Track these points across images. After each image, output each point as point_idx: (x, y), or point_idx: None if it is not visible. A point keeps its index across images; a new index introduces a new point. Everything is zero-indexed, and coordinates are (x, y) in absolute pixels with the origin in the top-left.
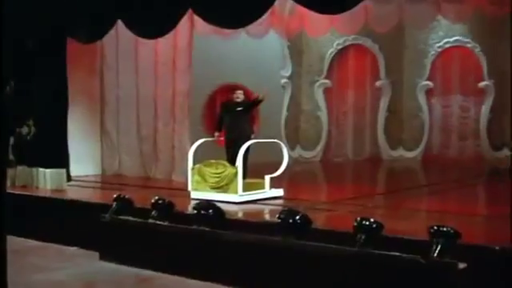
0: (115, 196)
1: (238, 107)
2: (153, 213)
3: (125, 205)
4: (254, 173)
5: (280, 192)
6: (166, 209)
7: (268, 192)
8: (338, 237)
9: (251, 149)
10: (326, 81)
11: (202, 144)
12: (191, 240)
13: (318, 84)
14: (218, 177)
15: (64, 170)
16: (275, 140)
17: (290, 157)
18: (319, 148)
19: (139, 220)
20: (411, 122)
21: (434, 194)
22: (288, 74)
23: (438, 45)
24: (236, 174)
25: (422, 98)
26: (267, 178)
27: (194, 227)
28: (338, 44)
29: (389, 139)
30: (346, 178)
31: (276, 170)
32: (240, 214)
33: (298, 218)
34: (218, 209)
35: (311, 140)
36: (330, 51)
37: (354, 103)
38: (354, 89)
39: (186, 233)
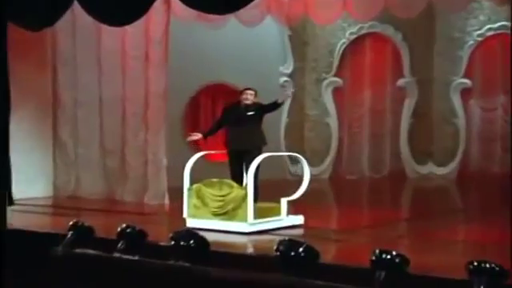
0: (71, 223)
1: (249, 111)
2: (119, 244)
3: (83, 234)
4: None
5: (299, 219)
6: (136, 239)
7: (285, 219)
8: (352, 274)
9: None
10: (337, 79)
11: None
12: (167, 278)
13: (326, 83)
14: (222, 200)
15: (4, 193)
16: (295, 154)
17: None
18: (328, 162)
19: (102, 254)
20: (443, 129)
21: (472, 220)
22: (289, 70)
23: (477, 33)
24: (245, 196)
25: (456, 100)
26: (284, 201)
27: (172, 262)
28: (351, 33)
29: (415, 152)
30: (362, 199)
31: (281, 191)
32: (250, 248)
33: (301, 250)
34: (202, 239)
35: (318, 152)
36: (342, 42)
37: (371, 107)
38: (371, 89)
39: (161, 269)
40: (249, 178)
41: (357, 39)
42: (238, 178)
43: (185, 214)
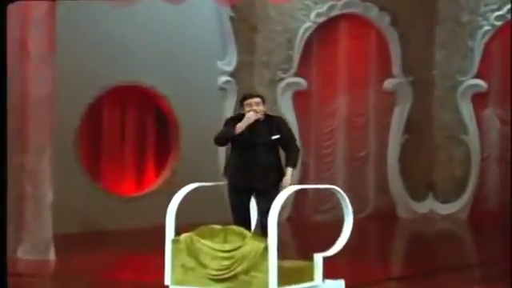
0: None
1: (261, 133)
2: None
3: None
4: None
5: (340, 285)
6: None
7: (321, 286)
8: None
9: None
10: (298, 79)
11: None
12: None
13: (283, 85)
14: (228, 257)
15: None
16: (334, 187)
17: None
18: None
19: None
20: (448, 150)
21: (492, 280)
22: (231, 67)
23: (495, 14)
24: (265, 251)
25: (466, 109)
26: (318, 258)
27: None
28: (318, 15)
29: (409, 182)
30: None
31: (303, 237)
32: None
33: None
34: None
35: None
36: (305, 27)
37: (348, 118)
38: (348, 93)
39: None
40: (271, 225)
41: (327, 23)
42: (243, 224)
43: (167, 281)
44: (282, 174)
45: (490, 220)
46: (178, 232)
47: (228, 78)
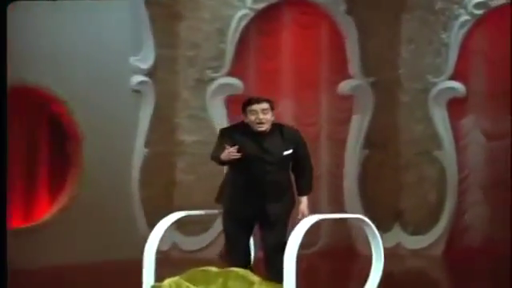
0: None
1: (271, 149)
2: None
3: None
4: None
5: None
6: None
7: None
8: None
9: None
10: (232, 80)
11: None
12: None
13: (213, 86)
14: None
15: None
16: (361, 217)
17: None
18: (217, 226)
19: None
20: (419, 169)
21: None
22: (147, 64)
23: (473, 2)
24: None
25: (440, 118)
26: None
27: None
28: (256, 0)
29: (371, 209)
30: None
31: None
32: None
33: None
34: None
35: (202, 206)
36: (241, 15)
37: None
38: (293, 97)
39: None
40: (287, 266)
41: (267, 10)
42: (242, 259)
43: None
44: (294, 199)
45: (471, 258)
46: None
47: (143, 78)
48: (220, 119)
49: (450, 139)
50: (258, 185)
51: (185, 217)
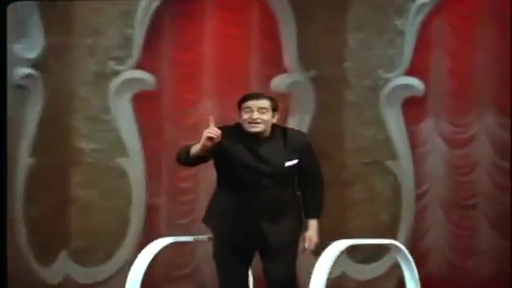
0: None
1: (267, 157)
2: None
3: None
4: None
5: None
6: None
7: None
8: None
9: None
10: (141, 73)
11: None
12: None
13: (118, 81)
14: None
15: None
16: (392, 241)
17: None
18: (126, 253)
19: None
20: (369, 183)
21: None
22: (33, 54)
23: None
24: None
25: (394, 121)
26: None
27: None
28: None
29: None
30: None
31: None
32: None
33: None
34: None
35: (105, 229)
36: None
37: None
38: (217, 95)
39: None
40: None
41: None
42: None
43: None
44: (301, 221)
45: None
46: None
47: (29, 71)
48: (126, 122)
49: (406, 147)
50: (253, 203)
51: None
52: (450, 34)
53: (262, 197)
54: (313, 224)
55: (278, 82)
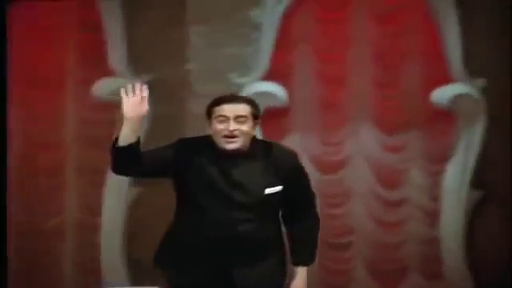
0: None
1: (250, 176)
2: None
3: None
4: None
5: None
6: None
7: None
8: None
9: None
10: None
11: None
12: None
13: None
14: None
15: None
16: None
17: None
18: None
19: None
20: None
21: None
22: None
23: None
24: None
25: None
26: None
27: None
28: None
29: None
30: None
31: None
32: None
33: None
34: None
35: None
36: None
37: (25, 153)
38: (24, 102)
39: None
40: None
41: None
42: None
43: None
44: (284, 266)
45: None
46: None
47: None
48: None
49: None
50: (222, 242)
51: None
52: (318, 30)
53: (233, 234)
54: (301, 272)
55: (101, 88)
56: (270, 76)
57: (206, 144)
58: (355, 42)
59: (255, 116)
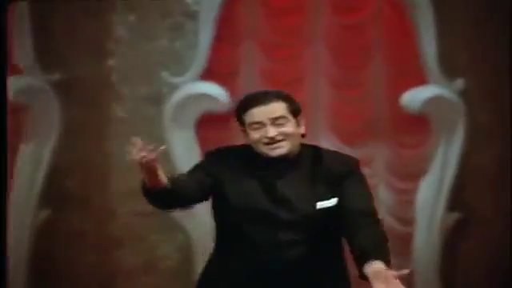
0: None
1: (297, 187)
2: None
3: None
4: None
5: None
6: None
7: None
8: None
9: None
10: None
11: None
12: None
13: None
14: None
15: None
16: None
17: None
18: None
19: None
20: (149, 241)
21: None
22: None
23: None
24: None
25: (184, 148)
26: None
27: None
28: None
29: None
30: None
31: None
32: None
33: None
34: None
35: None
36: None
37: None
38: None
39: None
40: None
41: None
42: None
43: None
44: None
45: None
46: None
47: None
48: None
49: None
50: (268, 272)
51: None
52: (266, 20)
53: (281, 261)
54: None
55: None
56: (209, 75)
57: (241, 153)
58: (311, 35)
59: (294, 112)
